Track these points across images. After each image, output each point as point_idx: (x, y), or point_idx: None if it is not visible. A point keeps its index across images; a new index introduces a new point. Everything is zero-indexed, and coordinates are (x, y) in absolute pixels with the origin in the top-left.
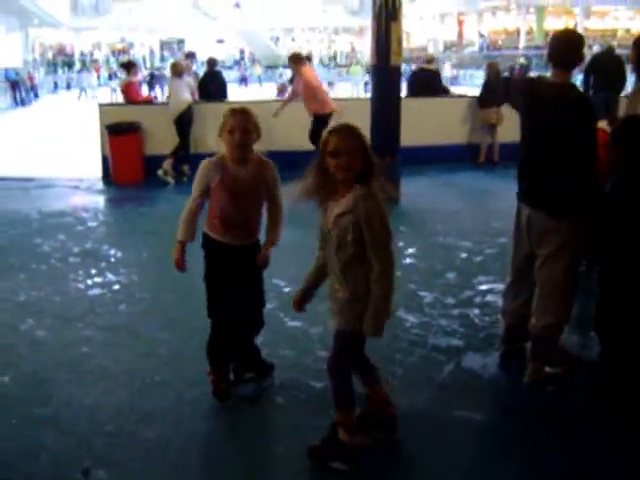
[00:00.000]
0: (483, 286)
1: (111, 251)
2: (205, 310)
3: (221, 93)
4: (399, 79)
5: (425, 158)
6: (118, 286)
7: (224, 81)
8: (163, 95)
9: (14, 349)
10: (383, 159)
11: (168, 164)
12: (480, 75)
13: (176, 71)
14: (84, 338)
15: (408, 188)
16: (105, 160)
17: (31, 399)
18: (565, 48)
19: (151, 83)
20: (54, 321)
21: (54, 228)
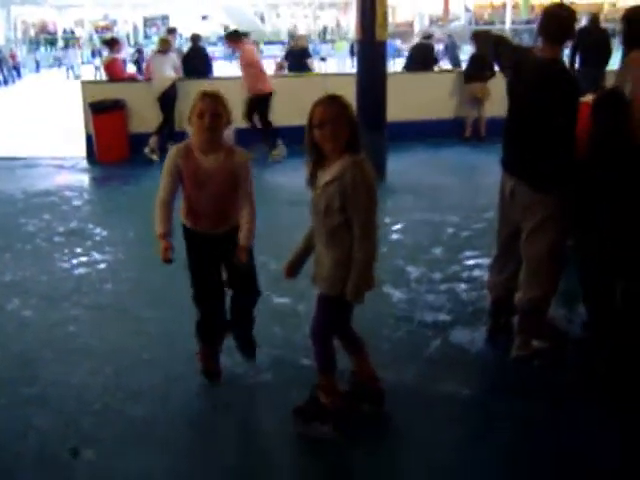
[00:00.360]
0: (470, 261)
1: (96, 230)
2: (189, 288)
3: (205, 69)
4: (385, 54)
5: (411, 134)
6: (104, 265)
7: (208, 57)
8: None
9: (0, 329)
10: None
11: (154, 142)
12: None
13: (163, 47)
14: (70, 317)
15: (394, 164)
16: (89, 138)
17: (18, 379)
18: (555, 23)
19: (138, 60)
20: (40, 301)
21: (39, 208)
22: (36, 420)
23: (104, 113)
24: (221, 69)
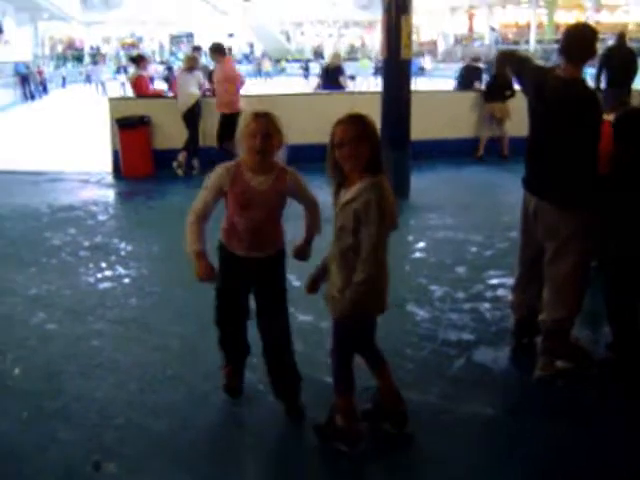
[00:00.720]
0: (494, 280)
1: (121, 245)
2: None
3: None
4: (409, 73)
5: (433, 152)
6: (128, 280)
7: None
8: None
9: (25, 343)
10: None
11: (183, 157)
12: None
13: (189, 65)
14: (95, 332)
15: (417, 182)
16: (115, 154)
17: (42, 393)
18: (577, 42)
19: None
20: (65, 315)
21: (64, 222)
22: (59, 434)
23: (130, 129)
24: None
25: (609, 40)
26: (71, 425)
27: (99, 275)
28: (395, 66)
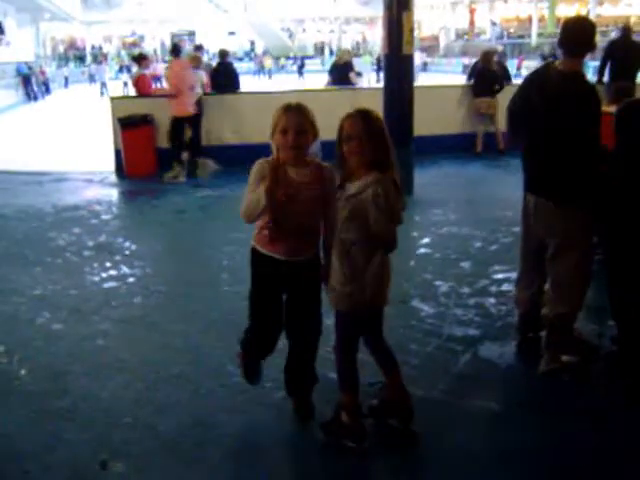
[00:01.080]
0: (498, 275)
1: (125, 244)
2: (221, 304)
3: (233, 84)
4: (411, 68)
5: (434, 148)
6: (133, 279)
7: (236, 72)
8: None
9: (30, 343)
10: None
11: (185, 156)
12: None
13: (192, 64)
14: (100, 331)
15: (420, 178)
16: (118, 153)
17: (48, 392)
18: (575, 36)
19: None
20: (70, 314)
21: (68, 222)
22: (66, 433)
23: (133, 128)
24: (248, 84)
25: (612, 33)
26: (78, 425)
27: (104, 274)
28: (397, 62)
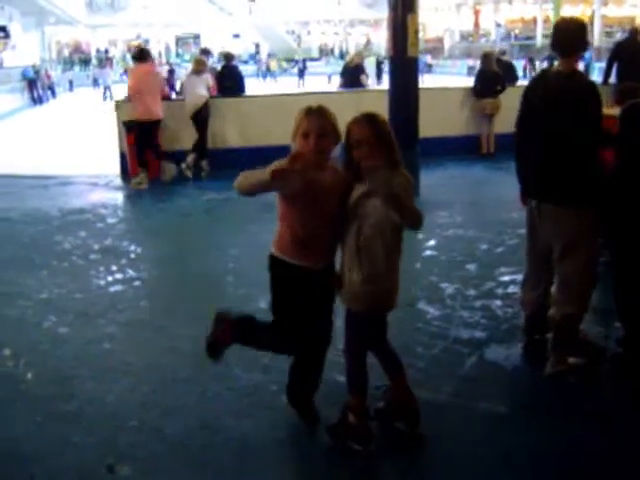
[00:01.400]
0: (505, 277)
1: (131, 247)
2: (227, 307)
3: (238, 87)
4: (416, 70)
5: (438, 149)
6: (139, 282)
7: (241, 75)
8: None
9: (37, 346)
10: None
11: (192, 159)
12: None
13: (198, 68)
14: (106, 334)
15: (425, 180)
16: (123, 156)
17: (54, 396)
18: (565, 36)
19: (169, 80)
20: (76, 318)
21: (74, 225)
22: (73, 437)
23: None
24: (253, 87)
25: (617, 33)
26: (84, 428)
27: (110, 278)
28: (402, 64)
